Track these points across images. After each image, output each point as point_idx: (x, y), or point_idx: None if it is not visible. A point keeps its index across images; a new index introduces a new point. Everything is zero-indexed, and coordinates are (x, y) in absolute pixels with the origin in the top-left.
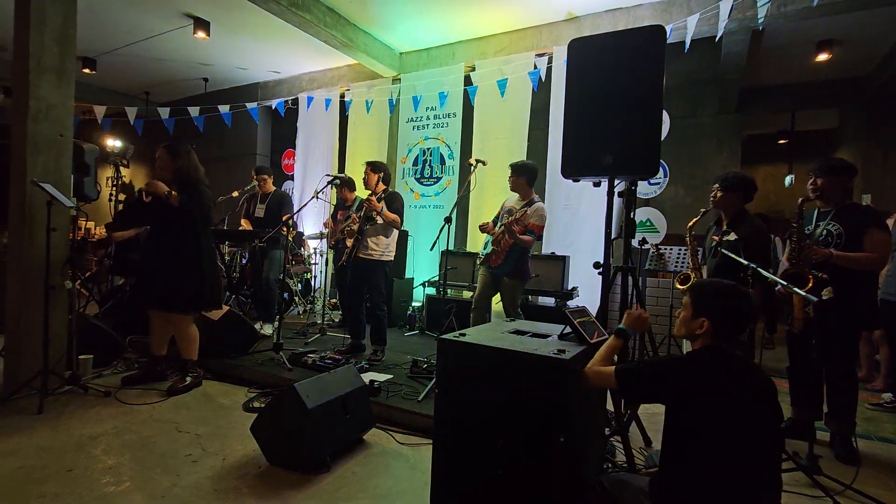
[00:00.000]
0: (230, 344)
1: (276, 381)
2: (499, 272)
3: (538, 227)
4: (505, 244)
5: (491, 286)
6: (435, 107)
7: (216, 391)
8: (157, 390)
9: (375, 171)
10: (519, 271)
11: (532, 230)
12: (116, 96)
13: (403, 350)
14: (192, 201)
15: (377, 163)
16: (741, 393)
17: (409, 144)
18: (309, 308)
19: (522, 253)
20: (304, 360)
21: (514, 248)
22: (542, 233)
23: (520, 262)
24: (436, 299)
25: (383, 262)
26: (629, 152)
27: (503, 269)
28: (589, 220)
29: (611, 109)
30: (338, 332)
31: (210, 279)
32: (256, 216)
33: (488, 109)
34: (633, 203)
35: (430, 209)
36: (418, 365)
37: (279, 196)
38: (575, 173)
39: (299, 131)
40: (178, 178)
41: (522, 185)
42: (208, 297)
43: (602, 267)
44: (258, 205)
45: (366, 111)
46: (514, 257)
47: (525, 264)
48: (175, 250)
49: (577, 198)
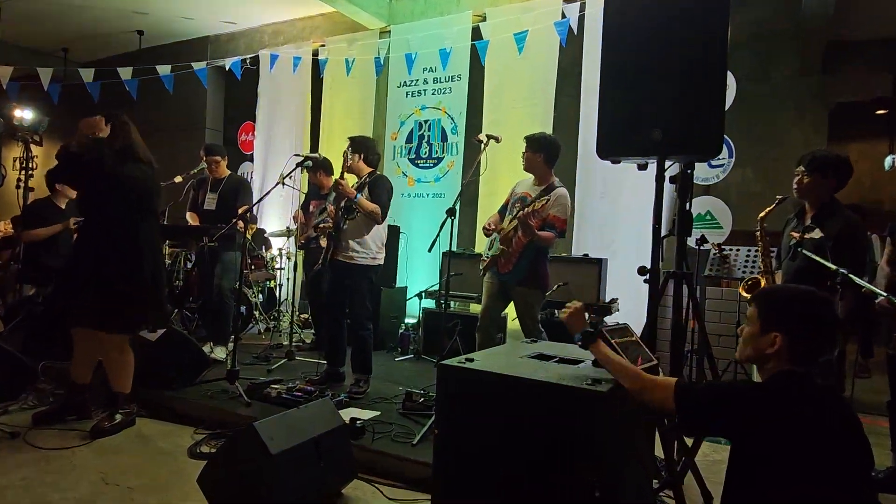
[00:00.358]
0: (172, 372)
1: (231, 420)
2: (509, 279)
3: (561, 220)
4: (517, 243)
5: (499, 298)
6: (434, 67)
7: (154, 432)
8: (78, 431)
9: (357, 149)
10: (535, 277)
11: (553, 224)
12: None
13: (394, 380)
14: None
15: (360, 139)
16: (823, 418)
17: (402, 116)
18: (273, 326)
19: (539, 254)
20: (267, 393)
21: (528, 247)
22: (565, 227)
23: (536, 265)
24: (435, 314)
25: (369, 268)
26: (684, 125)
27: (515, 276)
28: (632, 212)
29: (660, 70)
30: (310, 357)
31: (154, 288)
32: (206, 208)
33: (503, 71)
34: (688, 191)
35: (429, 198)
36: (413, 399)
37: (235, 182)
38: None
39: (260, 99)
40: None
41: (539, 165)
42: (151, 312)
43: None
44: (208, 193)
45: (346, 73)
46: (527, 259)
47: (543, 268)
48: (107, 251)
49: (618, 184)
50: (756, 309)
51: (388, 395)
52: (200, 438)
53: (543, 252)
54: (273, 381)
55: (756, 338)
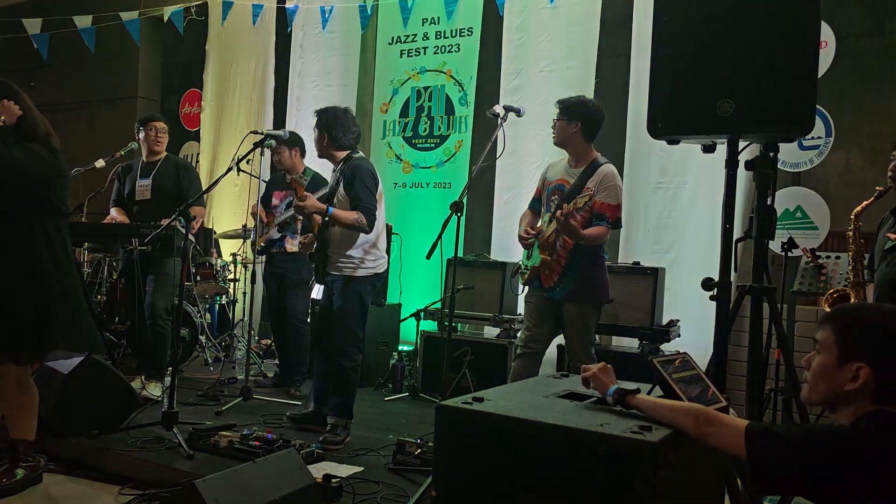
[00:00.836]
0: (92, 413)
1: (167, 477)
2: (556, 295)
3: (612, 206)
4: (562, 248)
5: (546, 318)
6: (437, 18)
7: (67, 492)
8: None
9: (324, 125)
10: (589, 289)
11: (602, 214)
12: None
13: (382, 425)
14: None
15: (330, 111)
16: None
17: (395, 82)
18: (224, 355)
19: (591, 258)
20: (215, 442)
21: (576, 252)
22: (619, 215)
23: (588, 273)
24: (438, 341)
25: (361, 280)
26: (763, 94)
27: (562, 290)
28: (697, 208)
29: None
30: (272, 395)
31: (62, 302)
32: (139, 199)
33: (528, 22)
34: (770, 180)
35: (430, 189)
36: (406, 450)
37: (173, 165)
38: (671, 130)
39: (209, 60)
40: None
41: (575, 139)
42: (62, 333)
43: (717, 287)
44: (139, 181)
45: (321, 27)
46: (576, 267)
47: (598, 275)
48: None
49: (679, 171)
50: (831, 332)
51: (375, 446)
52: (127, 501)
53: (597, 255)
54: (223, 427)
55: (832, 371)
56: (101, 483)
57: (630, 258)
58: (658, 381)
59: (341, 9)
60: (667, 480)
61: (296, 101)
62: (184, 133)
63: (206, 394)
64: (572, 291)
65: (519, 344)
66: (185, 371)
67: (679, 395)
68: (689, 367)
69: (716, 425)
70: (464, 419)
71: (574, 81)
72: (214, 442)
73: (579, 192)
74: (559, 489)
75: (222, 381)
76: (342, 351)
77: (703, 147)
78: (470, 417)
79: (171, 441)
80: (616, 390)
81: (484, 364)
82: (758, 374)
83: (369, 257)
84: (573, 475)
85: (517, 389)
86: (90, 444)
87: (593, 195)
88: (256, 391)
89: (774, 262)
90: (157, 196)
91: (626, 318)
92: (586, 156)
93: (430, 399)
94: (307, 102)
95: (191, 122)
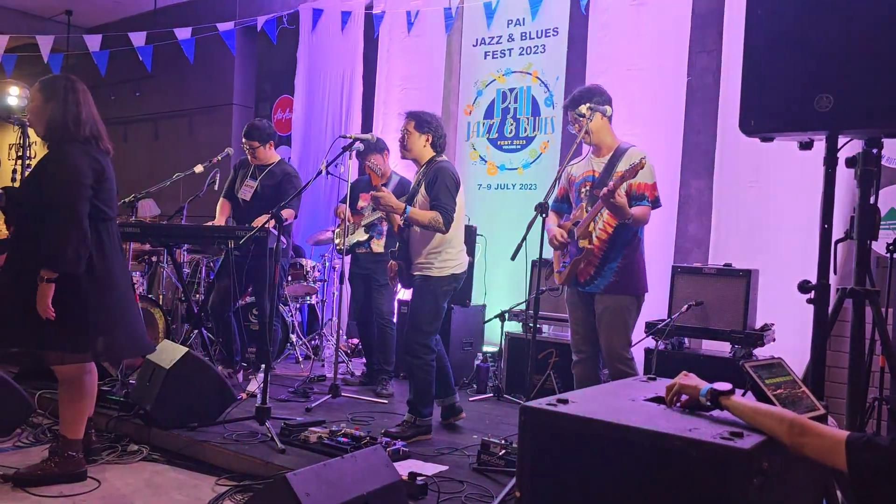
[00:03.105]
0: (191, 407)
1: (260, 469)
2: (594, 288)
3: (650, 186)
4: (601, 236)
5: (592, 316)
6: (522, 19)
7: (168, 481)
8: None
9: (423, 126)
10: (627, 280)
11: (642, 195)
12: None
13: (467, 425)
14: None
15: (424, 115)
16: None
17: (479, 83)
18: (313, 354)
19: (630, 247)
20: (305, 437)
21: (615, 240)
22: (657, 193)
23: (627, 263)
24: (522, 342)
25: (437, 280)
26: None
27: (601, 282)
28: (793, 207)
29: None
30: (360, 394)
31: (96, 305)
32: (241, 198)
33: (614, 20)
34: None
35: (515, 190)
36: (491, 451)
37: (283, 173)
38: (764, 127)
39: (300, 67)
40: (52, 135)
41: (605, 127)
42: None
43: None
44: (247, 179)
45: (406, 30)
46: (614, 258)
47: (638, 265)
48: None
49: (773, 169)
50: None
51: (459, 445)
52: (223, 491)
53: (636, 243)
54: (313, 423)
55: None
56: (200, 473)
57: (721, 259)
58: (750, 387)
59: (426, 13)
60: (760, 489)
61: (382, 105)
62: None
63: (296, 390)
64: (609, 283)
65: (572, 350)
66: (277, 368)
67: (773, 401)
68: (784, 373)
69: (811, 435)
70: (548, 421)
71: (663, 79)
72: (305, 437)
73: (610, 176)
74: (645, 495)
75: (312, 378)
76: (410, 349)
77: (800, 144)
78: (554, 419)
79: (265, 435)
80: (710, 389)
81: (569, 366)
82: (860, 382)
83: (445, 257)
84: (660, 481)
85: (602, 392)
86: (190, 436)
87: (635, 174)
88: (344, 389)
89: (879, 264)
90: (257, 200)
91: (716, 322)
92: (610, 143)
93: (515, 400)
94: (393, 106)
95: (282, 127)
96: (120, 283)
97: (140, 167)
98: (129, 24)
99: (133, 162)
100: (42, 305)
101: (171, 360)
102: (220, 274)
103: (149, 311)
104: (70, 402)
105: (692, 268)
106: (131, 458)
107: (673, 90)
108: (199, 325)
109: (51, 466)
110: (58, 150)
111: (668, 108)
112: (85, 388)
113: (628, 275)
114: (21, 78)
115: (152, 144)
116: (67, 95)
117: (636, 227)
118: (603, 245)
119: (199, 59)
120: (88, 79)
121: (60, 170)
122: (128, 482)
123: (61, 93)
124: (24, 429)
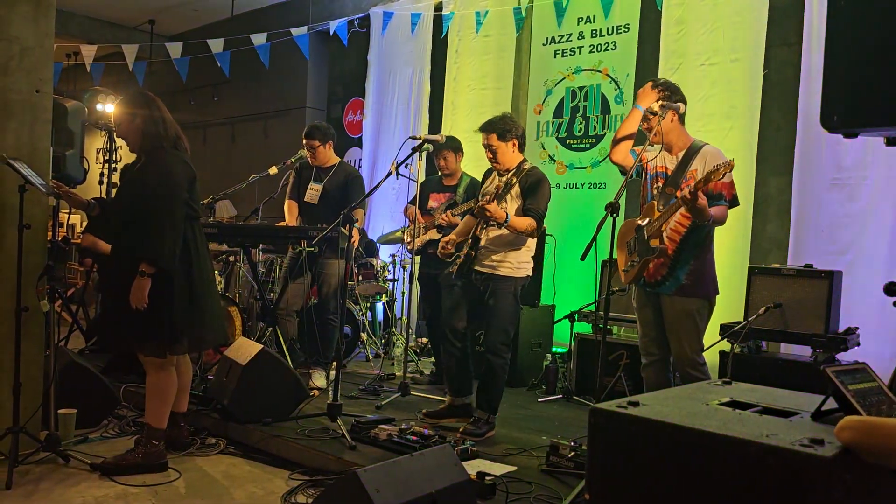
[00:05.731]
0: (265, 402)
1: (331, 465)
2: (665, 290)
3: (727, 185)
4: (673, 234)
5: (661, 316)
6: (593, 17)
7: (243, 473)
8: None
9: (505, 135)
10: (700, 282)
11: (720, 194)
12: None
13: (535, 426)
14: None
15: (499, 124)
16: None
17: (549, 82)
18: (383, 352)
19: (703, 248)
20: (375, 434)
21: (688, 240)
22: (735, 192)
23: (700, 264)
24: (592, 343)
25: (513, 280)
26: None
27: (673, 283)
28: (879, 205)
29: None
30: (428, 393)
31: (186, 300)
32: (307, 200)
33: (687, 14)
34: None
35: (584, 190)
36: (560, 453)
37: (343, 174)
38: (847, 123)
39: (370, 69)
40: (146, 145)
41: (676, 126)
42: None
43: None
44: (311, 183)
45: (475, 31)
46: (687, 259)
47: (710, 268)
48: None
49: (857, 166)
50: None
51: (527, 447)
52: (296, 485)
53: (708, 243)
54: (382, 421)
55: None
56: (273, 467)
57: (801, 260)
58: (832, 393)
59: (496, 12)
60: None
61: (451, 106)
62: (348, 140)
63: (366, 388)
64: (682, 286)
65: (641, 353)
66: (348, 366)
67: (856, 407)
68: (868, 379)
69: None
70: (619, 423)
71: (740, 73)
72: (374, 434)
73: (682, 175)
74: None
75: (382, 376)
76: (494, 349)
77: (887, 140)
78: (625, 422)
79: (335, 431)
80: None
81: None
82: None
83: (523, 259)
84: (734, 488)
85: (675, 395)
86: (264, 430)
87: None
88: (413, 388)
89: None
90: (324, 202)
91: (796, 325)
92: (683, 142)
93: (584, 402)
94: (462, 107)
95: (354, 129)
96: (207, 278)
97: (217, 169)
98: (208, 32)
99: (211, 164)
100: (138, 297)
101: (247, 357)
102: (291, 273)
103: (226, 310)
104: (155, 392)
105: (770, 269)
106: (209, 451)
107: (749, 85)
108: (274, 323)
109: (135, 456)
110: (154, 158)
111: (744, 104)
112: (171, 379)
113: (700, 277)
114: (108, 85)
115: (229, 147)
116: (151, 105)
117: (712, 227)
118: (675, 245)
119: (274, 64)
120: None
121: (160, 177)
122: (206, 474)
123: (145, 105)
124: (110, 420)
